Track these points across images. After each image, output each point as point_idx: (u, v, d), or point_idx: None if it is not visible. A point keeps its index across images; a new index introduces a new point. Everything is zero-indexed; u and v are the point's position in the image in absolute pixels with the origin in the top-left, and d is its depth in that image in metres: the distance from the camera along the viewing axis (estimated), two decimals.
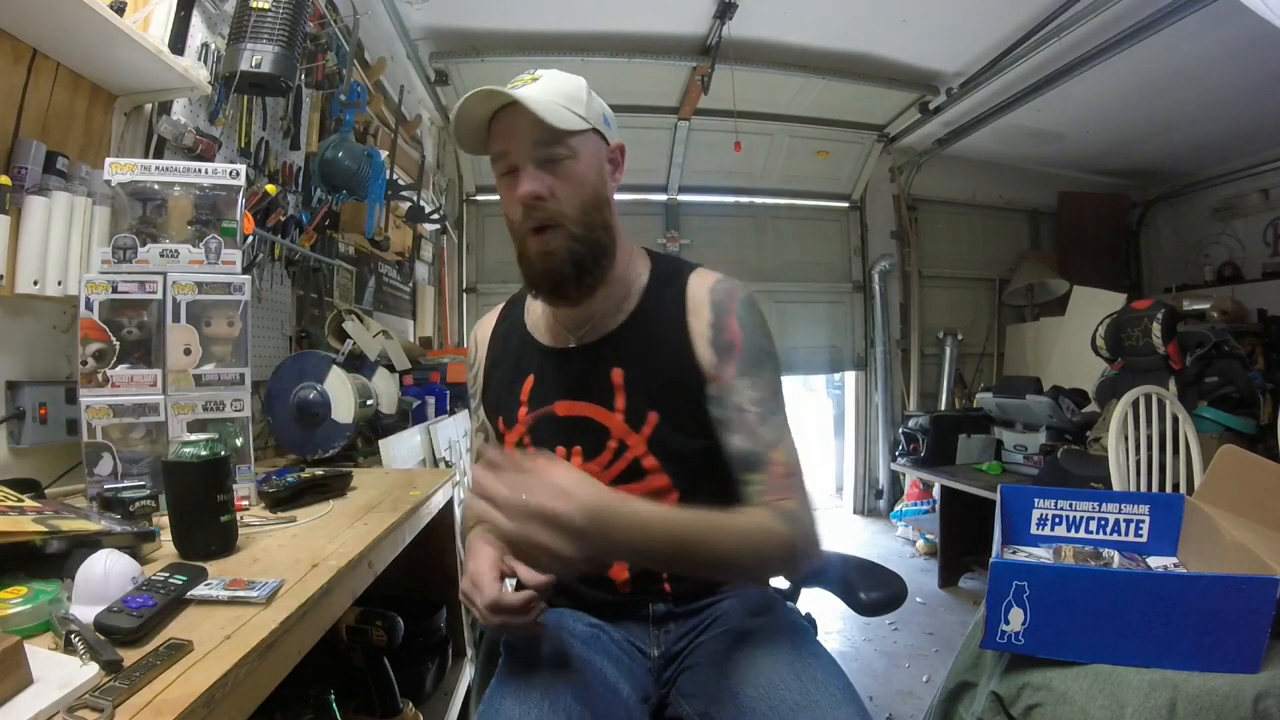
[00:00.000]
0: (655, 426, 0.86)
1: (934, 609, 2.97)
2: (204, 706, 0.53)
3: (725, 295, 0.89)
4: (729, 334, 0.86)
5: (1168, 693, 0.85)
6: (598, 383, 0.89)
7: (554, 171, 0.82)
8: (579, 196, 0.84)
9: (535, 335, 0.96)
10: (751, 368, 0.85)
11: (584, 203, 0.84)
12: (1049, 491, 1.29)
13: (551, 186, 0.82)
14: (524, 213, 0.83)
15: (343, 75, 2.12)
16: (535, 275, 0.86)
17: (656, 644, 0.92)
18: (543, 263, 0.84)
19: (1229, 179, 4.53)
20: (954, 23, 3.01)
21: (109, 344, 1.04)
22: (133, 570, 0.71)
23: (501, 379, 0.97)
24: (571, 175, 0.83)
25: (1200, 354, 2.73)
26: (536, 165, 0.82)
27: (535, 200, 0.81)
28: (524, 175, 0.82)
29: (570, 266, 0.84)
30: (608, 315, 0.91)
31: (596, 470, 0.88)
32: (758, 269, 4.46)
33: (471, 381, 1.04)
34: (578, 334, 0.91)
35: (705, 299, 0.89)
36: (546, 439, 0.91)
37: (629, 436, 0.87)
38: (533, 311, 0.99)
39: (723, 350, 0.86)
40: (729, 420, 0.84)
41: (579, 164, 0.83)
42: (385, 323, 2.49)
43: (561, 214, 0.83)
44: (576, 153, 0.83)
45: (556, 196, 0.82)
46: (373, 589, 0.95)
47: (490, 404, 0.99)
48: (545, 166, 0.82)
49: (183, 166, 1.13)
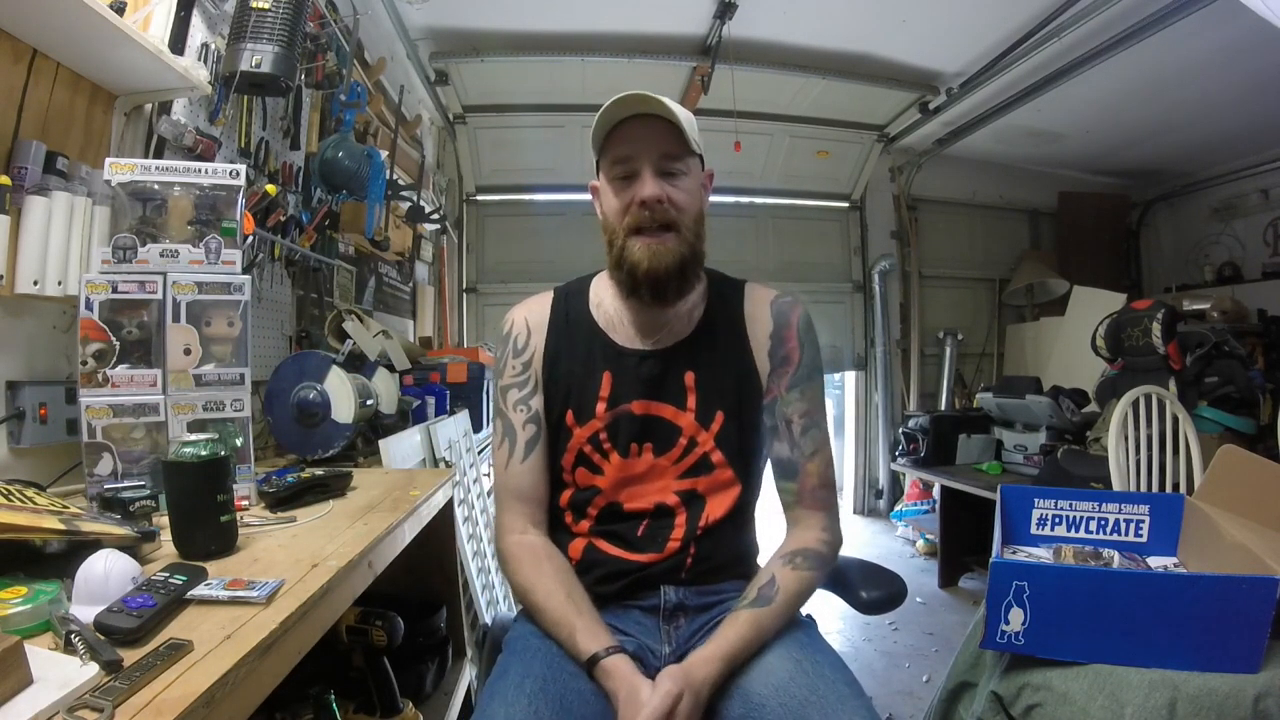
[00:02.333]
0: (722, 425, 0.95)
1: (934, 609, 2.97)
2: (204, 706, 0.53)
3: (787, 309, 1.00)
4: (786, 348, 0.97)
5: (1168, 693, 0.85)
6: (673, 385, 0.96)
7: (672, 183, 0.91)
8: (690, 208, 0.93)
9: (610, 335, 0.99)
10: (803, 381, 0.96)
11: (694, 215, 0.94)
12: (1049, 491, 1.28)
13: (670, 194, 0.90)
14: (639, 213, 0.90)
15: (343, 75, 2.11)
16: (639, 274, 0.91)
17: (667, 641, 0.93)
18: (650, 261, 0.90)
19: (1229, 179, 4.53)
20: (954, 23, 3.01)
21: (109, 344, 1.04)
22: (133, 570, 0.71)
23: (572, 373, 0.98)
24: (686, 189, 0.93)
25: (1200, 354, 2.73)
26: (659, 173, 0.90)
27: (657, 203, 0.89)
28: (647, 179, 0.90)
29: (677, 269, 0.91)
30: (680, 322, 0.98)
31: (667, 464, 0.95)
32: (758, 269, 4.46)
33: (516, 369, 1.00)
34: (653, 338, 0.98)
35: (766, 311, 0.99)
36: (623, 435, 0.96)
37: (699, 434, 0.95)
38: (604, 311, 1.01)
39: (779, 362, 0.97)
40: (776, 429, 0.96)
41: (690, 180, 0.93)
42: (385, 323, 2.49)
43: (679, 220, 0.91)
44: (690, 170, 0.93)
45: (674, 203, 0.91)
46: (373, 589, 0.95)
47: (556, 396, 0.98)
48: (665, 177, 0.91)
49: (183, 166, 1.13)
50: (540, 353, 1.00)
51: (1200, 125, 3.88)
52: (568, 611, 0.85)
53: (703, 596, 0.95)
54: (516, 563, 0.93)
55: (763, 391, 0.97)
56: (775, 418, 0.96)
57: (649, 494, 0.95)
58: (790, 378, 0.96)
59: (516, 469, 0.97)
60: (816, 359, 0.98)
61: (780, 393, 0.96)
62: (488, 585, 2.01)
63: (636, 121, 0.90)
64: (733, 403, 0.96)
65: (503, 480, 0.99)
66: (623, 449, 0.95)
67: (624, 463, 0.95)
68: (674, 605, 0.94)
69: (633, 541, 0.95)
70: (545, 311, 1.03)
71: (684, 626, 0.94)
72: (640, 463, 0.95)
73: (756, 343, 0.98)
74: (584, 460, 0.96)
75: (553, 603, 0.87)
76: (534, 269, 4.08)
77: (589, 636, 0.82)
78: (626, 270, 0.92)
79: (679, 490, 0.95)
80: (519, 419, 0.98)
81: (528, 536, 0.96)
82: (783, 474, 0.96)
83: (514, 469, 0.97)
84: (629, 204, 0.91)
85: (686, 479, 0.95)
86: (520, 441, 0.98)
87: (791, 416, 0.95)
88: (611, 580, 0.94)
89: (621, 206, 0.92)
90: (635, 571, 0.94)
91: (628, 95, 0.88)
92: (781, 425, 0.95)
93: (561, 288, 1.06)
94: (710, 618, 0.93)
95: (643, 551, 0.94)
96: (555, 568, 0.92)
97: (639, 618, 0.94)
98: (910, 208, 4.75)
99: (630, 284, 0.93)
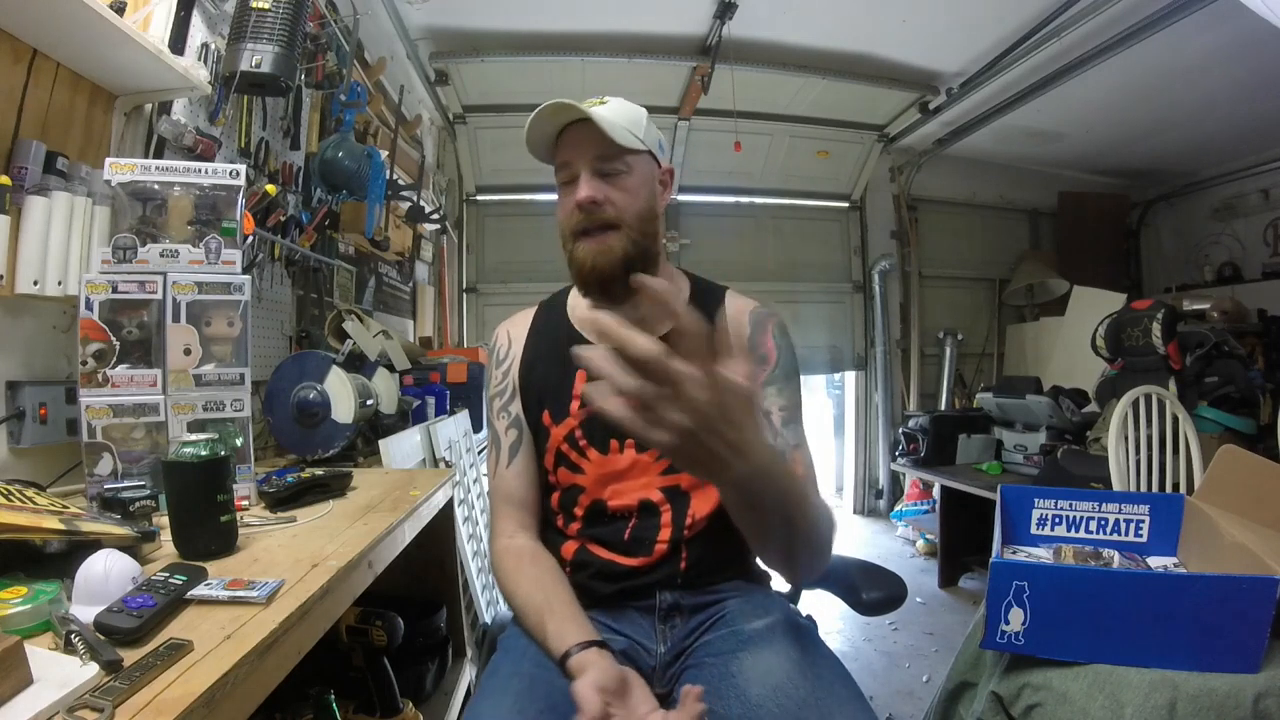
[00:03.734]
0: None
1: (934, 609, 2.97)
2: (204, 706, 0.53)
3: (763, 317, 1.01)
4: (763, 349, 0.98)
5: (1168, 693, 0.85)
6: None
7: (611, 183, 0.91)
8: (633, 205, 0.92)
9: (585, 333, 1.00)
10: (780, 380, 0.97)
11: (638, 211, 0.93)
12: (1049, 491, 1.28)
13: (608, 194, 0.91)
14: (580, 216, 0.91)
15: (343, 75, 2.11)
16: (586, 273, 0.92)
17: (663, 640, 0.93)
18: (595, 259, 0.91)
19: (1229, 179, 4.53)
20: (954, 23, 3.01)
21: (109, 344, 1.04)
22: (133, 570, 0.71)
23: (546, 375, 1.00)
24: (626, 187, 0.92)
25: (1200, 354, 2.73)
26: (595, 175, 0.91)
27: (591, 204, 0.90)
28: (582, 182, 0.91)
29: (621, 267, 0.91)
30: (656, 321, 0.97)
31: (649, 460, 0.95)
32: (758, 269, 4.46)
33: (498, 379, 1.04)
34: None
35: (745, 319, 1.00)
36: (599, 432, 0.95)
37: None
38: (579, 313, 1.03)
39: (757, 361, 0.96)
40: None
41: (633, 178, 0.93)
42: (385, 323, 2.49)
43: (619, 218, 0.91)
44: (632, 169, 0.93)
45: (612, 203, 0.91)
46: (373, 589, 0.95)
47: (531, 400, 1.00)
48: (603, 177, 0.91)
49: (183, 166, 1.13)
50: (518, 361, 1.03)
51: (1200, 125, 3.87)
52: (542, 613, 0.85)
53: (700, 597, 0.95)
54: (501, 567, 0.94)
55: None
56: None
57: (632, 491, 0.95)
58: (768, 375, 0.97)
59: (504, 474, 1.00)
60: (794, 363, 1.00)
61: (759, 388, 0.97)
62: (488, 585, 2.01)
63: (574, 127, 0.92)
64: None
65: (494, 486, 1.02)
66: (601, 445, 0.95)
67: (604, 459, 0.95)
68: (670, 606, 0.94)
69: (620, 545, 0.95)
70: (526, 323, 1.07)
71: (680, 626, 0.94)
72: (622, 459, 0.95)
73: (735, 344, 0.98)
74: (563, 459, 0.97)
75: (530, 605, 0.87)
76: (534, 269, 4.07)
77: (558, 638, 0.82)
78: (575, 271, 0.94)
79: (663, 486, 0.95)
80: (502, 425, 1.01)
81: (515, 540, 0.96)
82: None
83: (502, 474, 1.00)
84: (570, 208, 0.92)
85: (670, 474, 0.95)
86: (504, 447, 1.00)
87: (771, 409, 0.95)
88: (605, 581, 0.94)
89: (566, 211, 0.93)
90: (628, 577, 0.94)
91: (546, 105, 0.89)
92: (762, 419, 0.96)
93: (544, 300, 1.09)
94: (708, 616, 0.93)
95: (632, 555, 0.94)
96: (537, 569, 0.92)
97: (635, 617, 0.94)
98: (910, 208, 4.74)
99: (582, 285, 0.95)
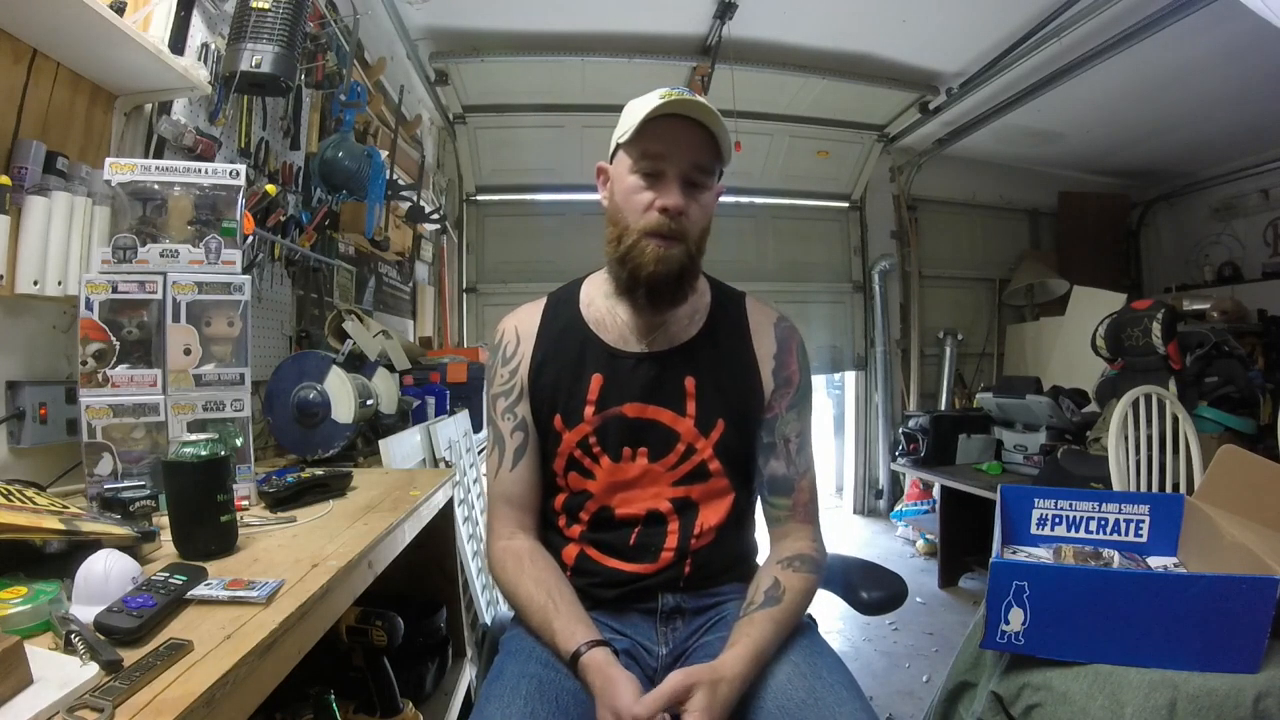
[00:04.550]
0: (723, 433, 0.94)
1: (934, 609, 2.97)
2: (204, 706, 0.53)
3: (788, 333, 1.01)
4: (788, 370, 0.99)
5: (1168, 693, 0.85)
6: (671, 389, 0.95)
7: (692, 195, 0.90)
8: (701, 222, 0.92)
9: (601, 336, 0.97)
10: (799, 402, 0.98)
11: (702, 228, 0.93)
12: (1049, 491, 1.28)
13: (689, 207, 0.89)
14: (659, 219, 0.89)
15: (343, 75, 2.11)
16: (641, 276, 0.90)
17: (664, 641, 0.93)
18: (656, 266, 0.89)
19: (1229, 179, 4.53)
20: (954, 23, 3.01)
21: (109, 344, 1.04)
22: (133, 570, 0.71)
23: (560, 377, 0.97)
24: (703, 203, 0.92)
25: (1200, 354, 2.73)
26: (686, 183, 0.89)
27: (678, 214, 0.88)
28: (675, 187, 0.88)
29: (676, 277, 0.91)
30: (679, 326, 0.98)
31: (661, 470, 0.94)
32: (758, 269, 4.46)
33: (504, 377, 0.99)
34: (648, 339, 0.97)
35: (770, 330, 1.00)
36: (613, 439, 0.94)
37: (698, 441, 0.94)
38: (595, 311, 0.99)
39: (782, 384, 0.98)
40: (774, 446, 0.97)
41: (709, 195, 0.93)
42: (385, 323, 2.49)
43: (688, 232, 0.90)
44: (711, 186, 0.93)
45: (688, 216, 0.90)
46: (373, 589, 0.95)
47: (543, 401, 0.97)
48: (689, 188, 0.90)
49: (183, 166, 1.13)
50: (527, 360, 0.99)
51: (1200, 125, 3.87)
52: (547, 613, 0.85)
53: (701, 599, 0.95)
54: (501, 567, 0.93)
55: (764, 406, 0.97)
56: (774, 435, 0.96)
57: (641, 500, 0.94)
58: (790, 398, 0.97)
59: (505, 476, 0.97)
60: (809, 383, 1.01)
61: (781, 412, 0.97)
62: (488, 585, 2.01)
63: (676, 121, 0.87)
64: (735, 412, 0.95)
65: (493, 487, 0.99)
66: (613, 453, 0.93)
67: (615, 467, 0.93)
68: (672, 608, 0.94)
69: (625, 551, 0.94)
70: (535, 319, 1.02)
71: (681, 628, 0.94)
72: (633, 467, 0.94)
73: (762, 359, 0.98)
74: (574, 464, 0.95)
75: (534, 605, 0.87)
76: (534, 269, 4.07)
77: (566, 636, 0.82)
78: (630, 268, 0.90)
79: (673, 497, 0.94)
80: (507, 427, 0.98)
81: (514, 541, 0.95)
82: (776, 490, 0.97)
83: (503, 476, 0.97)
84: (650, 204, 0.89)
85: (681, 486, 0.94)
86: (509, 449, 0.98)
87: (789, 435, 0.96)
88: (607, 587, 0.94)
89: (641, 204, 0.89)
90: (630, 582, 0.93)
91: (683, 98, 0.86)
92: (780, 443, 0.96)
93: (553, 293, 1.05)
94: (708, 618, 0.93)
95: (636, 562, 0.93)
96: (538, 569, 0.91)
97: (636, 619, 0.94)
98: (910, 208, 4.74)
99: (629, 283, 0.91)
